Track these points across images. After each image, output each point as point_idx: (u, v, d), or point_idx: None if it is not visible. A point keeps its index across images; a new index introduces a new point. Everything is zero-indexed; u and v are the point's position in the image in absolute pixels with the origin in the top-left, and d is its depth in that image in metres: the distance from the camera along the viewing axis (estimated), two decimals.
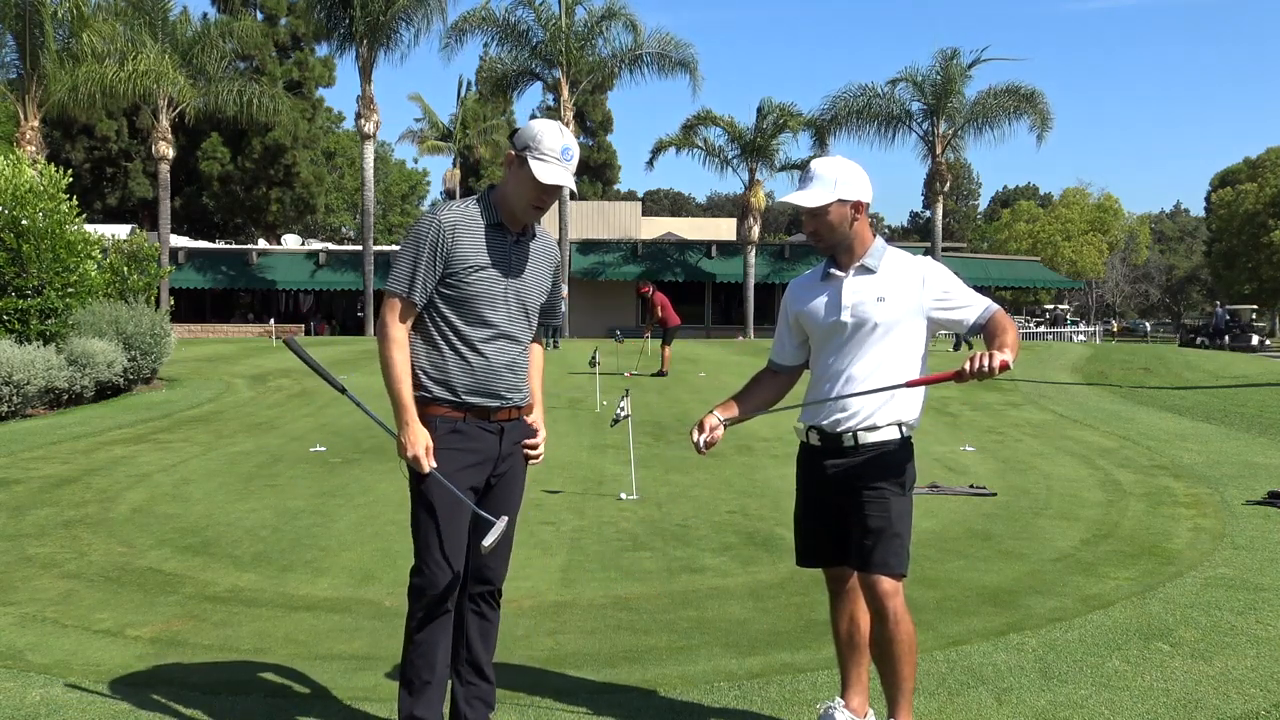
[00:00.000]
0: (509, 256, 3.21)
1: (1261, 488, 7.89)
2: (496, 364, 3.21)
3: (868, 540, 3.19)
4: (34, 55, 25.87)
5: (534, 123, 3.17)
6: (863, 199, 3.27)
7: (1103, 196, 66.66)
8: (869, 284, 3.28)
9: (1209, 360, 21.93)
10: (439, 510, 3.17)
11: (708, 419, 3.38)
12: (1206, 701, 3.80)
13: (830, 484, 3.30)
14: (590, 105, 58.71)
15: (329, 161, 53.85)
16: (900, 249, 3.37)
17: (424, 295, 3.14)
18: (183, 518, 7.07)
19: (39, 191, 13.87)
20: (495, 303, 3.18)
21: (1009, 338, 3.13)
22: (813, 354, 3.42)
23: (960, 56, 35.18)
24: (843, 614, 3.46)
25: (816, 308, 3.35)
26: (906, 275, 3.29)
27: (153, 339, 15.03)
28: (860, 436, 3.24)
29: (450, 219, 3.13)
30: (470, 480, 3.22)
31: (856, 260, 3.31)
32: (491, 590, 3.40)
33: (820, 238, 3.30)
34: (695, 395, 14.52)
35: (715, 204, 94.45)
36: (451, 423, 3.19)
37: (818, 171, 3.27)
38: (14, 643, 4.57)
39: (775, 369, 3.56)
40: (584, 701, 3.87)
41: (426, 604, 3.18)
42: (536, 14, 33.76)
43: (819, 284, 3.39)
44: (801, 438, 3.41)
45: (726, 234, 45.08)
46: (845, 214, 3.25)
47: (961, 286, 3.30)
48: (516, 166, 3.15)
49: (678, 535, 6.59)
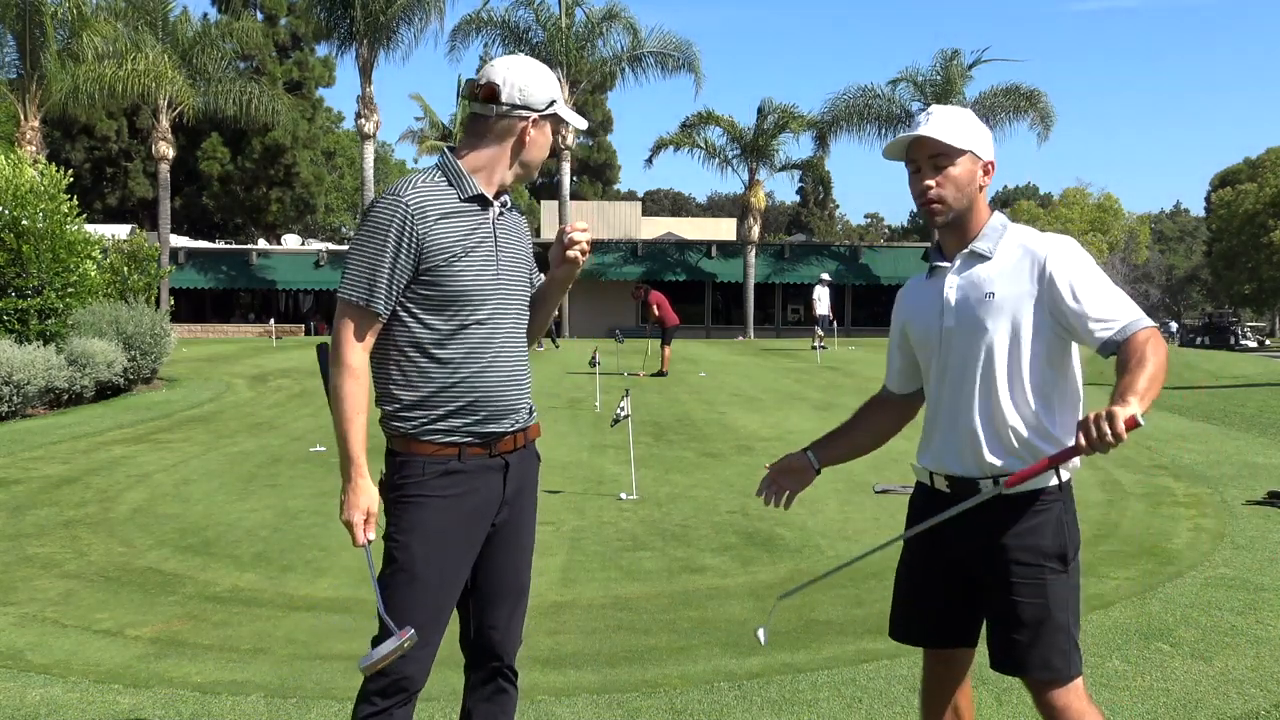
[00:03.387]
0: (494, 236, 2.58)
1: (1261, 488, 7.88)
2: (496, 377, 2.55)
3: (1019, 635, 2.39)
4: (34, 55, 25.86)
5: (527, 73, 2.58)
6: (993, 160, 2.52)
7: (1103, 196, 66.61)
8: (979, 275, 2.47)
9: (1209, 360, 21.93)
10: (420, 577, 2.48)
11: (789, 459, 2.70)
12: (1206, 701, 3.80)
13: (959, 544, 2.48)
14: (590, 105, 58.69)
15: (329, 161, 53.84)
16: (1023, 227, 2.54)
17: (390, 303, 2.48)
18: (183, 518, 7.07)
19: (39, 191, 13.87)
20: (488, 297, 2.54)
21: (1144, 374, 2.21)
22: (922, 375, 2.66)
23: (961, 57, 35.16)
24: (942, 703, 2.63)
25: (918, 313, 2.61)
26: (1026, 260, 2.43)
27: (153, 339, 15.03)
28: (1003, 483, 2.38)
29: (417, 199, 2.47)
30: (468, 537, 2.55)
31: (967, 244, 2.51)
32: (501, 667, 2.70)
33: (941, 203, 2.46)
34: (695, 395, 14.52)
35: (715, 204, 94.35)
36: (443, 463, 2.50)
37: (945, 113, 2.49)
38: (14, 643, 4.57)
39: (885, 395, 2.81)
40: (584, 701, 3.87)
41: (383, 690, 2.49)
42: (536, 14, 33.81)
43: (926, 280, 2.63)
44: (923, 479, 2.61)
45: (727, 234, 45.05)
46: (975, 173, 2.47)
47: (1101, 284, 2.37)
48: (539, 127, 2.59)
49: (678, 535, 6.59)
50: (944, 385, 2.52)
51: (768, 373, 18.54)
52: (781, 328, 40.34)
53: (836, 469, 2.97)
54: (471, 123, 2.63)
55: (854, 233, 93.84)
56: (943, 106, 2.52)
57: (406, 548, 2.48)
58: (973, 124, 2.49)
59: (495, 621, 2.66)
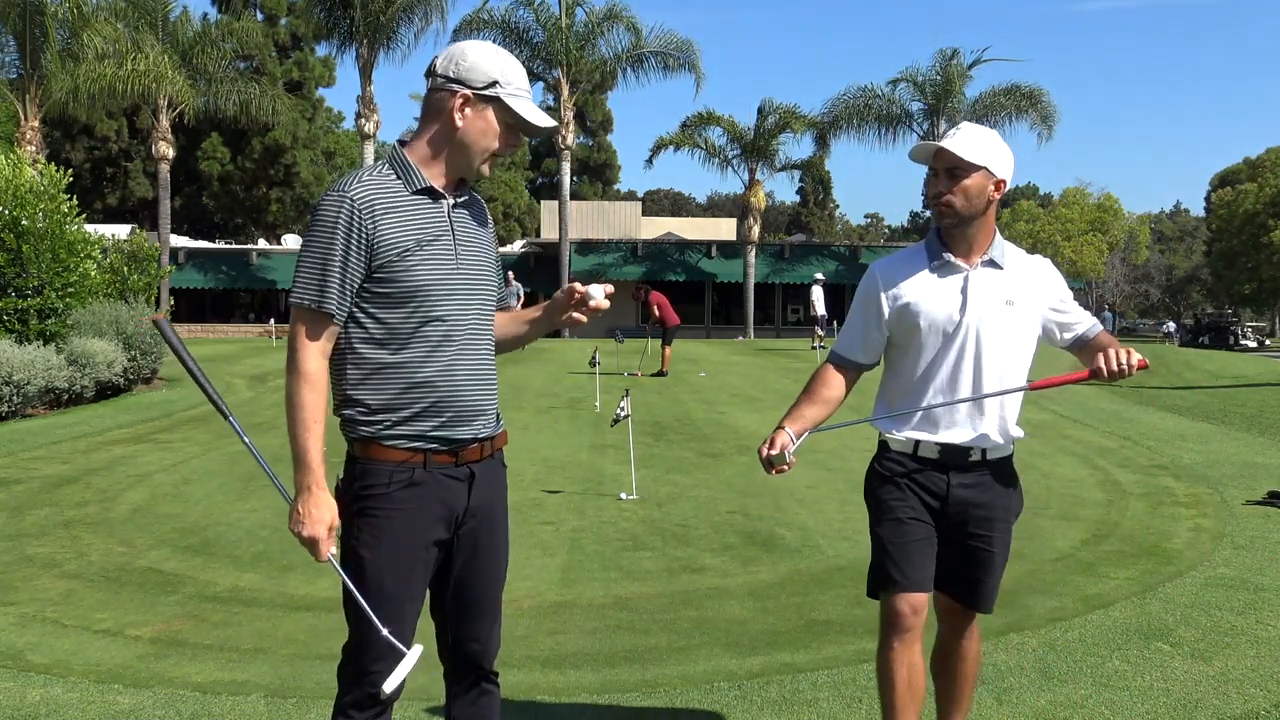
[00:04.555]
0: (450, 229, 2.45)
1: (1261, 488, 7.88)
2: (460, 377, 2.44)
3: (987, 577, 2.93)
4: (34, 55, 25.87)
5: (475, 50, 2.43)
6: (1006, 179, 2.86)
7: (1103, 196, 66.61)
8: (998, 282, 2.88)
9: (1209, 360, 21.93)
10: (384, 590, 2.41)
11: (780, 436, 2.87)
12: (1206, 701, 3.80)
13: (945, 503, 2.90)
14: (590, 105, 58.73)
15: (329, 161, 53.84)
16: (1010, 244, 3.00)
17: (343, 303, 2.36)
18: (183, 518, 7.07)
19: (39, 191, 13.88)
20: (448, 293, 2.42)
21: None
22: (913, 355, 2.92)
23: (960, 57, 35.19)
24: (910, 659, 2.89)
25: (933, 303, 2.88)
26: (1032, 276, 2.93)
27: (153, 339, 15.04)
28: (989, 453, 2.90)
29: (363, 193, 2.35)
30: (427, 550, 2.45)
31: (983, 252, 2.89)
32: (482, 673, 2.63)
33: (949, 207, 2.82)
34: (695, 395, 14.52)
35: (715, 204, 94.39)
36: (407, 471, 2.40)
37: (970, 131, 2.85)
38: (14, 643, 4.57)
39: (845, 365, 3.02)
40: (584, 701, 3.87)
41: (358, 702, 2.47)
42: (536, 14, 33.82)
43: (931, 273, 2.91)
44: (901, 448, 2.93)
45: (727, 234, 45.07)
46: (986, 188, 2.83)
47: (1071, 296, 3.04)
48: (475, 108, 2.40)
49: (678, 535, 6.59)
50: (961, 373, 2.87)
51: (768, 373, 18.55)
52: (781, 327, 40.36)
53: (835, 470, 3.08)
54: (421, 108, 2.52)
55: (854, 233, 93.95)
56: (971, 125, 2.89)
57: (371, 562, 2.41)
58: (993, 144, 2.84)
59: (475, 635, 2.58)
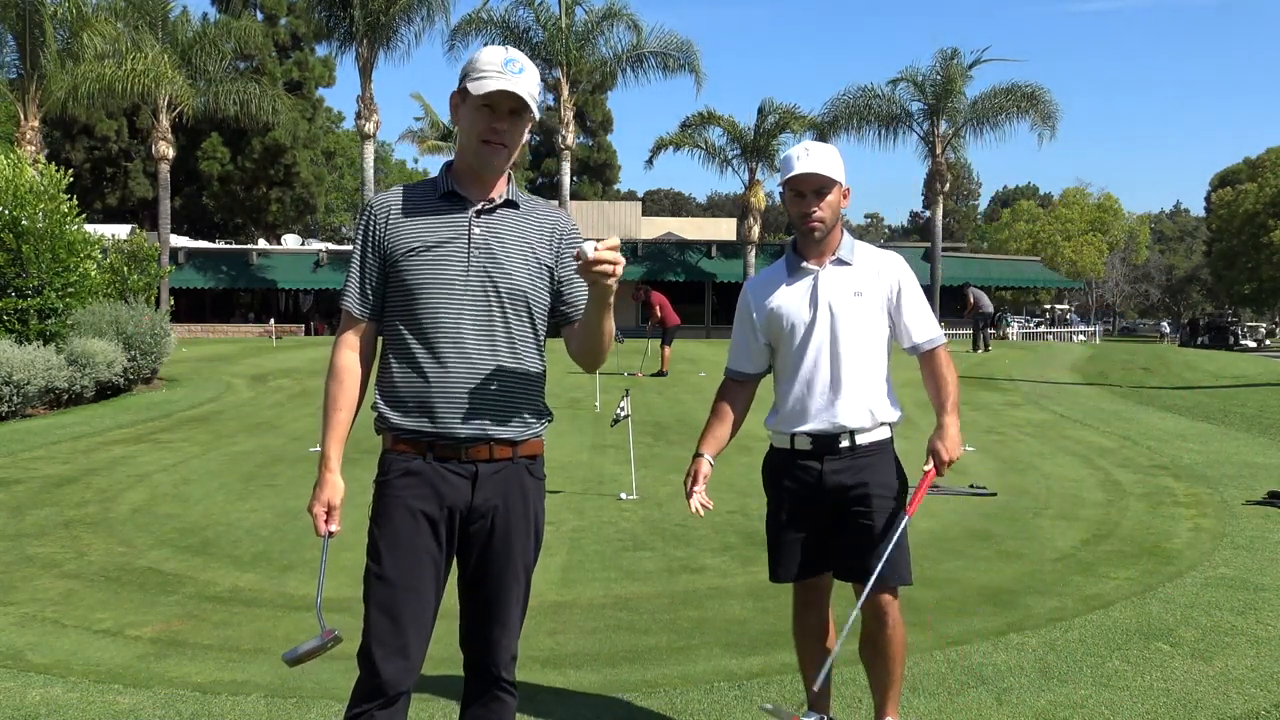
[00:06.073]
0: (468, 231, 2.50)
1: (1261, 488, 7.88)
2: (457, 379, 2.47)
3: (875, 546, 3.07)
4: (34, 55, 25.84)
5: (475, 54, 2.55)
6: (850, 187, 3.16)
7: (1103, 196, 66.63)
8: (845, 277, 3.14)
9: (1209, 360, 21.93)
10: (384, 574, 2.47)
11: (700, 464, 3.21)
12: (1206, 701, 3.80)
13: (821, 490, 3.14)
14: (590, 105, 58.68)
15: (329, 161, 53.85)
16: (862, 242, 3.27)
17: (367, 303, 2.55)
18: (183, 518, 7.07)
19: (39, 191, 13.88)
20: (452, 293, 2.48)
21: (952, 391, 3.11)
22: (782, 355, 3.22)
23: (960, 57, 35.11)
24: (820, 622, 3.31)
25: (789, 304, 3.17)
26: (878, 269, 3.17)
27: (153, 339, 15.04)
28: (858, 438, 3.12)
29: (386, 200, 2.55)
30: (425, 541, 2.48)
31: (832, 252, 3.16)
32: (496, 678, 2.60)
33: (821, 223, 3.09)
34: (695, 395, 14.51)
35: (715, 204, 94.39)
36: (406, 460, 2.51)
37: (821, 150, 3.09)
38: (14, 643, 4.57)
39: (740, 379, 3.34)
40: (584, 701, 3.87)
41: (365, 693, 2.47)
42: (536, 14, 33.81)
43: (786, 279, 3.20)
44: (781, 444, 3.24)
45: (727, 234, 45.05)
46: (840, 199, 3.13)
47: (923, 299, 3.22)
48: (460, 106, 2.51)
49: (678, 535, 6.59)
50: (819, 363, 3.12)
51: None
52: None
53: None
54: None
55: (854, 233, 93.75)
56: (817, 144, 3.12)
57: (374, 542, 2.52)
58: (839, 159, 3.11)
59: (482, 638, 2.59)
